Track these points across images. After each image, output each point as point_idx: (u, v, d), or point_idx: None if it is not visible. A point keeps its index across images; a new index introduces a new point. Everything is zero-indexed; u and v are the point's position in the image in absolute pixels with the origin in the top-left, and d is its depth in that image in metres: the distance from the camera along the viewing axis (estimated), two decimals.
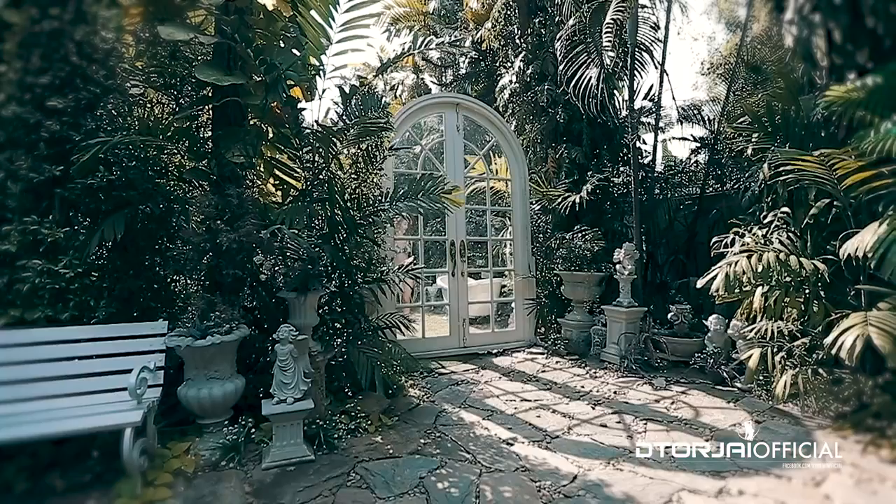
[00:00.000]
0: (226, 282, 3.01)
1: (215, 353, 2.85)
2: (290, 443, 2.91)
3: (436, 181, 3.96)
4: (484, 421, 3.68)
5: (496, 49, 9.09)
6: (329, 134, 3.30)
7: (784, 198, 3.81)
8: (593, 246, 5.61)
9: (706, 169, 6.66)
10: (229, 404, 2.99)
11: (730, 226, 4.94)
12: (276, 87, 3.18)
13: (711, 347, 4.57)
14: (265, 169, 4.33)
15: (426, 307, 6.35)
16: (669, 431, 3.38)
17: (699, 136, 6.74)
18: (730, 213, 6.13)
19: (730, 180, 6.61)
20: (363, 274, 3.92)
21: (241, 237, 2.82)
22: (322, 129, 3.34)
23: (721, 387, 4.30)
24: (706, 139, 6.28)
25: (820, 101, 3.42)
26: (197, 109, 3.92)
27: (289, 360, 2.98)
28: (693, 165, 6.97)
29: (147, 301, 3.20)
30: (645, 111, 6.55)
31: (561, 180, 6.44)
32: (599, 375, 4.84)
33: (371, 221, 3.91)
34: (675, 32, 12.44)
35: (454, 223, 5.77)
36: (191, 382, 2.89)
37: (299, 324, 3.33)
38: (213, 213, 2.92)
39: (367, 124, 3.26)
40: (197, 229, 2.86)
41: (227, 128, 3.80)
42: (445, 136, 5.89)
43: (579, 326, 5.75)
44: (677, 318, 5.02)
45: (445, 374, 4.99)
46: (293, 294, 3.22)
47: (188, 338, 2.79)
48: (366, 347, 3.50)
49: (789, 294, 3.51)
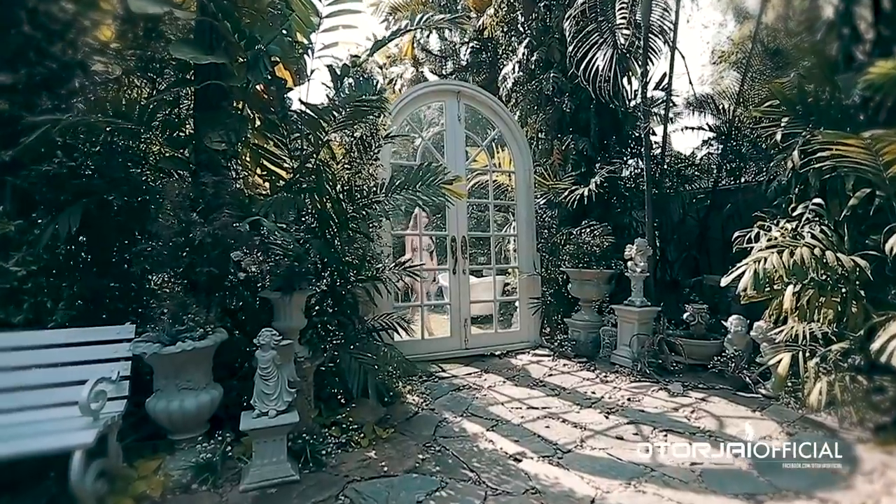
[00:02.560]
0: (200, 280, 2.69)
1: (187, 361, 2.54)
2: (271, 461, 2.59)
3: (435, 171, 3.63)
4: (488, 432, 3.37)
5: (498, 38, 8.75)
6: (316, 115, 2.96)
7: (816, 188, 3.49)
8: (603, 242, 5.29)
9: (719, 161, 6.34)
10: (204, 417, 2.67)
11: (746, 220, 4.64)
12: (258, 64, 2.86)
13: (732, 350, 4.24)
14: (252, 158, 4.00)
15: (426, 306, 6.03)
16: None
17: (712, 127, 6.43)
18: (746, 207, 5.81)
19: (745, 172, 6.30)
20: (356, 271, 3.60)
21: (217, 230, 2.50)
22: (308, 109, 3.00)
23: (743, 393, 3.98)
24: (721, 128, 5.94)
25: (859, 80, 3.09)
26: (175, 92, 3.60)
27: (271, 367, 2.66)
28: (705, 157, 6.66)
29: (115, 302, 2.88)
30: (655, 102, 6.21)
31: (567, 173, 6.11)
32: (611, 380, 4.53)
33: (365, 214, 3.58)
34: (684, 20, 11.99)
35: (455, 218, 5.44)
36: (160, 394, 2.58)
37: (284, 326, 3.01)
38: (185, 204, 2.60)
39: (358, 103, 2.92)
40: (166, 222, 2.54)
41: (206, 112, 3.49)
42: (446, 127, 5.55)
43: (587, 327, 5.43)
44: (693, 319, 4.70)
45: (446, 378, 4.67)
46: (277, 294, 2.90)
47: (156, 344, 2.47)
48: (358, 352, 3.18)
49: (824, 293, 3.19)
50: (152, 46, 3.70)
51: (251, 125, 3.78)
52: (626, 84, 5.50)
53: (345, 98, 2.85)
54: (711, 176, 6.42)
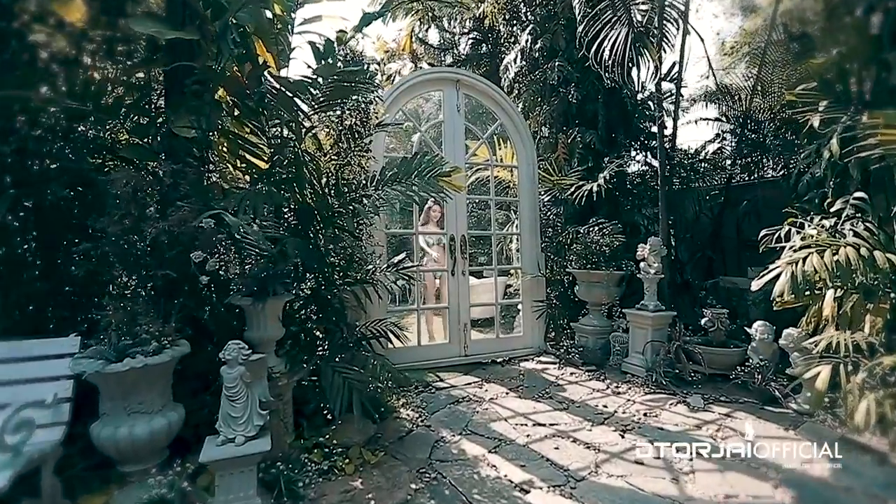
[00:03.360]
0: (157, 285, 2.32)
1: (138, 380, 2.16)
2: (238, 496, 2.21)
3: (432, 161, 3.26)
4: (490, 455, 2.99)
5: (499, 28, 8.37)
6: (289, 91, 2.57)
7: (857, 180, 3.12)
8: (612, 241, 4.92)
9: (734, 154, 5.98)
10: (160, 444, 2.30)
11: (765, 218, 4.26)
12: (226, 34, 2.48)
13: (756, 360, 3.87)
14: (231, 149, 3.63)
15: (427, 309, 5.64)
16: (724, 472, 2.69)
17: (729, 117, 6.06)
18: (765, 204, 5.46)
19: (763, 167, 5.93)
20: (342, 273, 3.22)
21: (173, 226, 2.13)
22: (279, 84, 2.60)
23: (772, 407, 3.61)
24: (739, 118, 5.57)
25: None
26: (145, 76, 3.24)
27: (239, 386, 2.29)
28: (717, 152, 6.30)
29: (60, 310, 2.50)
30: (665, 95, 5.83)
31: (573, 168, 5.73)
32: (623, 391, 4.15)
33: (352, 210, 3.21)
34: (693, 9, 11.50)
35: (454, 216, 5.07)
36: (106, 419, 2.20)
37: (258, 337, 2.64)
38: (138, 197, 2.22)
39: (339, 76, 2.52)
40: (113, 217, 2.17)
41: (176, 97, 3.12)
42: (444, 118, 5.18)
43: (596, 332, 5.06)
44: (713, 325, 4.32)
45: (444, 389, 4.30)
46: (248, 300, 2.53)
47: (99, 361, 2.10)
48: (343, 366, 2.81)
49: (871, 299, 2.82)
50: (122, 27, 3.35)
51: (228, 111, 3.41)
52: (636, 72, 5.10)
53: (321, 67, 2.45)
54: (724, 171, 6.06)
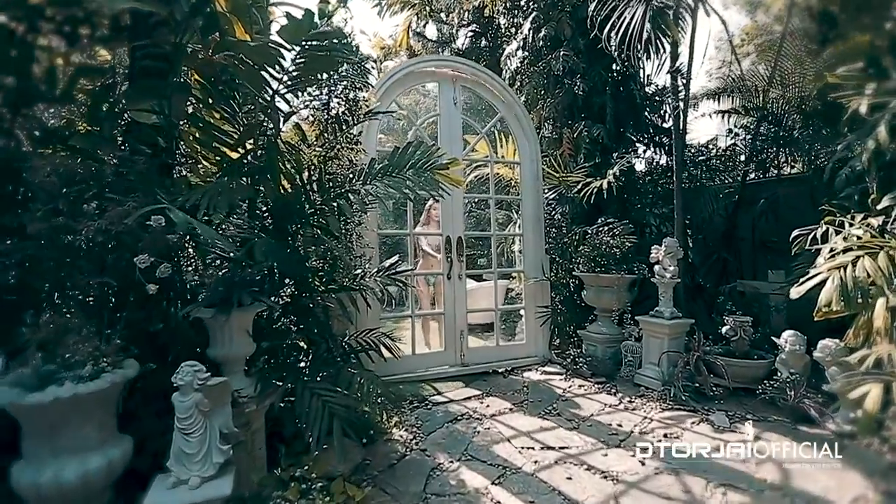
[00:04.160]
0: (97, 294, 1.94)
1: (68, 412, 1.77)
2: None
3: (426, 152, 2.89)
4: (494, 486, 2.61)
5: (499, 20, 8.03)
6: (253, 57, 2.16)
7: None
8: (623, 242, 4.55)
9: (749, 151, 5.64)
10: (97, 487, 1.90)
11: (783, 218, 3.92)
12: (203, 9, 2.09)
13: (786, 373, 3.51)
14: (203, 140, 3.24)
15: (416, 316, 5.26)
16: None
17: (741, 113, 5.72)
18: (786, 202, 5.11)
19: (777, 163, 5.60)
20: (326, 279, 2.84)
21: (109, 225, 1.75)
22: (242, 51, 2.18)
23: (805, 427, 3.25)
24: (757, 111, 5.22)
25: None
26: (94, 51, 2.86)
27: (194, 417, 1.91)
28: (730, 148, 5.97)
29: None
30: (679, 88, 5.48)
31: (579, 164, 5.37)
32: (638, 406, 3.78)
33: (337, 207, 2.83)
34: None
35: (450, 215, 4.70)
36: (28, 459, 1.81)
37: (222, 355, 2.26)
38: (69, 191, 1.84)
39: (312, 41, 2.10)
40: (36, 213, 1.79)
41: (138, 81, 2.75)
42: (440, 111, 4.81)
43: (605, 341, 4.69)
44: (735, 333, 3.95)
45: (441, 404, 3.91)
46: (209, 312, 2.14)
47: (16, 388, 1.71)
48: (324, 386, 2.41)
49: None
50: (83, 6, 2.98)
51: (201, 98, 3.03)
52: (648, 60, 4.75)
53: (284, 27, 2.04)
54: (738, 168, 5.72)
